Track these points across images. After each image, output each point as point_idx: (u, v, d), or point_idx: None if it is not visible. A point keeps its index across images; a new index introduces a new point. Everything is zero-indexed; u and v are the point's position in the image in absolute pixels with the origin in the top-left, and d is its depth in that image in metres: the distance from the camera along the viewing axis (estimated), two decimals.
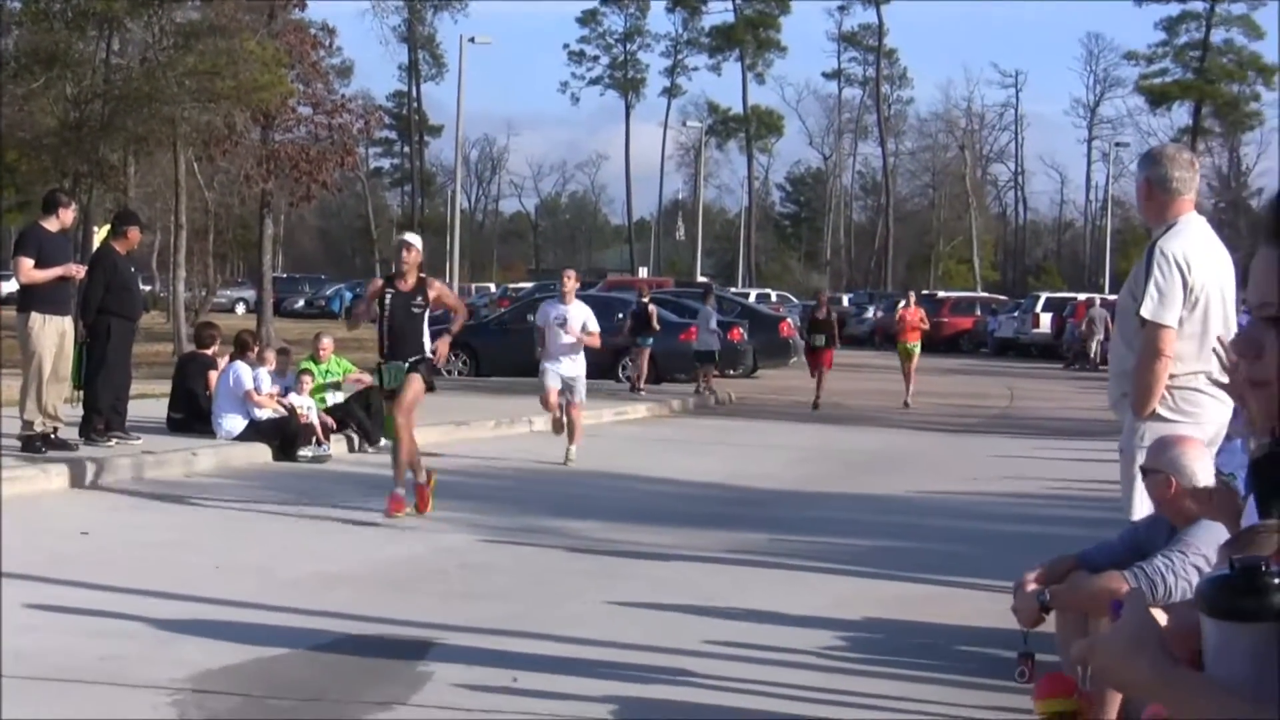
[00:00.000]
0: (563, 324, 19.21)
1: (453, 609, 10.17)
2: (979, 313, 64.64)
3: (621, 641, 9.36)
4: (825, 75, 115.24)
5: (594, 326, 19.60)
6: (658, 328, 32.18)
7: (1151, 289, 7.39)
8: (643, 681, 8.50)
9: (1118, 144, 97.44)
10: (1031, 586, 6.58)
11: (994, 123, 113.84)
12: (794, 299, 74.56)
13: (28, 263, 16.35)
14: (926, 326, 33.09)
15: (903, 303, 35.18)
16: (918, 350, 32.05)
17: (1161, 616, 4.39)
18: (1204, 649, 2.33)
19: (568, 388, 19.32)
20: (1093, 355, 46.33)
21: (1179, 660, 2.30)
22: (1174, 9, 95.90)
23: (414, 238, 15.42)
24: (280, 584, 10.83)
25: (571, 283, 19.98)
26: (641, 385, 31.48)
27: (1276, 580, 2.24)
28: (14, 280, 16.64)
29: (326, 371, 20.50)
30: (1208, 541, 5.99)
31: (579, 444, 19.40)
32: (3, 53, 39.04)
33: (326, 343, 21.01)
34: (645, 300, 33.45)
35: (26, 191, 42.71)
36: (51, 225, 16.85)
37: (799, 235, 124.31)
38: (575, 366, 19.44)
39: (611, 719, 7.77)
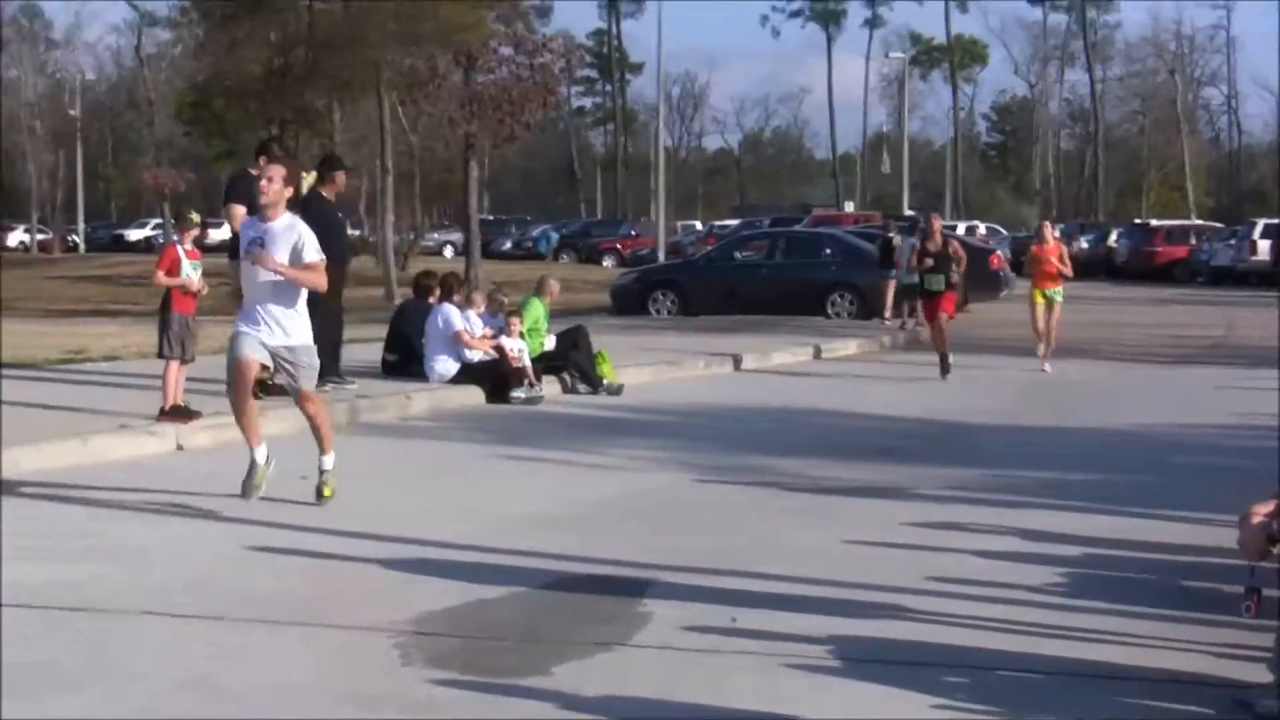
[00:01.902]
0: (260, 250, 11.34)
1: (667, 548, 10.22)
2: (1193, 241, 63.41)
3: (837, 579, 9.34)
4: (1029, 1, 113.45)
5: (313, 255, 11.41)
6: (899, 261, 32.38)
7: None
8: (862, 617, 8.46)
9: None
10: (1258, 518, 6.43)
11: (1205, 45, 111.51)
12: (1003, 231, 73.77)
13: (239, 209, 16.58)
14: (1069, 270, 24.79)
15: (1036, 239, 27.34)
16: (1059, 299, 24.38)
17: None
18: None
19: (283, 364, 11.60)
20: None
21: None
22: None
23: None
24: (496, 525, 10.94)
25: (276, 186, 11.55)
26: (887, 316, 31.99)
27: None
28: (225, 227, 16.88)
29: (536, 316, 20.50)
30: None
31: (331, 456, 11.91)
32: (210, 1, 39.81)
33: (555, 285, 21.38)
34: (891, 234, 34.01)
35: (234, 139, 43.56)
36: (263, 172, 17.06)
37: (1006, 166, 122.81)
38: (291, 325, 11.47)
39: (831, 657, 7.75)
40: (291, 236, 11.52)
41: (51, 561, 9.50)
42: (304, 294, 11.69)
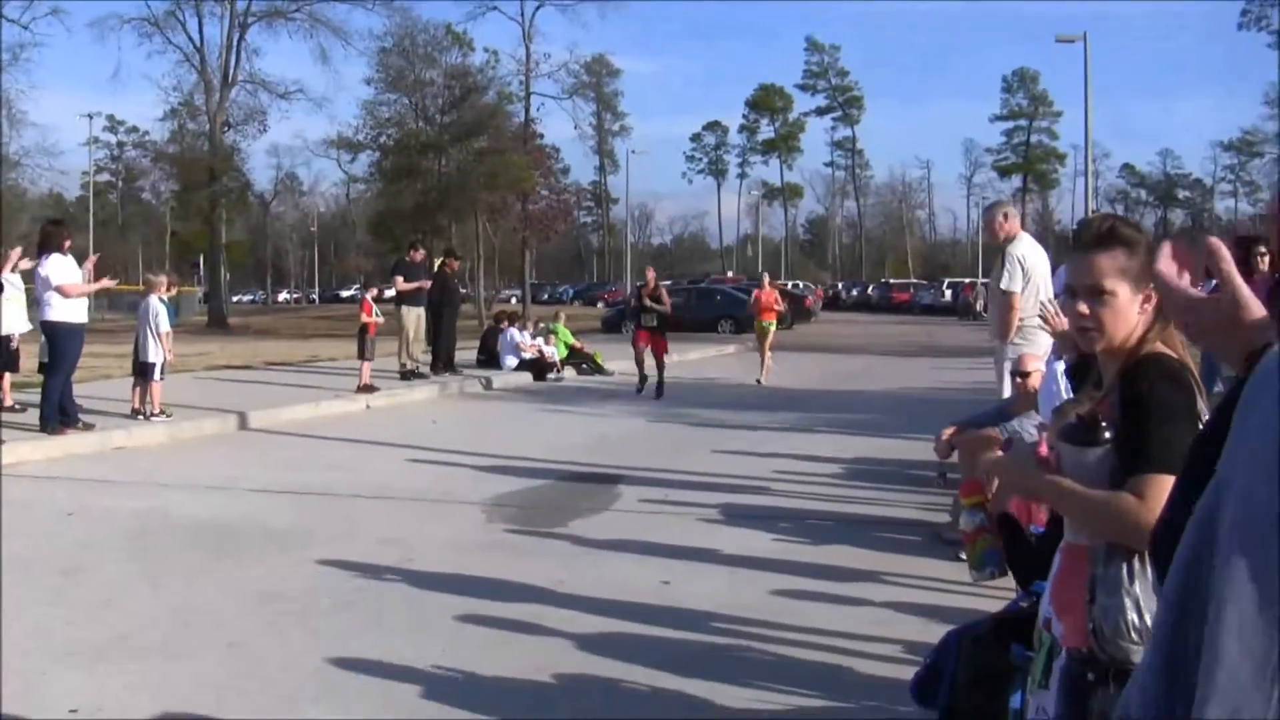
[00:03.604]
0: None
1: (633, 457, 10.13)
2: (912, 291, 63.57)
3: (721, 472, 9.29)
4: (825, 164, 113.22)
5: None
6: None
7: (1005, 273, 7.31)
8: (738, 493, 8.43)
9: (984, 198, 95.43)
10: (945, 435, 6.41)
11: (917, 186, 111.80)
12: (810, 285, 73.54)
13: (399, 279, 16.53)
14: (781, 308, 20.79)
15: (758, 286, 23.21)
16: (773, 328, 19.85)
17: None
18: (1062, 466, 2.21)
19: None
20: (978, 311, 45.12)
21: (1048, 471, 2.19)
22: (1010, 124, 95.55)
23: None
24: (538, 446, 10.83)
25: None
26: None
27: (1102, 422, 2.13)
28: (393, 288, 16.80)
29: (564, 333, 20.44)
30: (1032, 416, 5.83)
31: None
32: (385, 168, 39.81)
33: (564, 314, 21.52)
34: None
35: (397, 242, 43.30)
36: (412, 258, 17.03)
37: (812, 251, 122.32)
38: None
39: (720, 514, 7.71)
40: None
41: (298, 471, 9.42)
42: None
